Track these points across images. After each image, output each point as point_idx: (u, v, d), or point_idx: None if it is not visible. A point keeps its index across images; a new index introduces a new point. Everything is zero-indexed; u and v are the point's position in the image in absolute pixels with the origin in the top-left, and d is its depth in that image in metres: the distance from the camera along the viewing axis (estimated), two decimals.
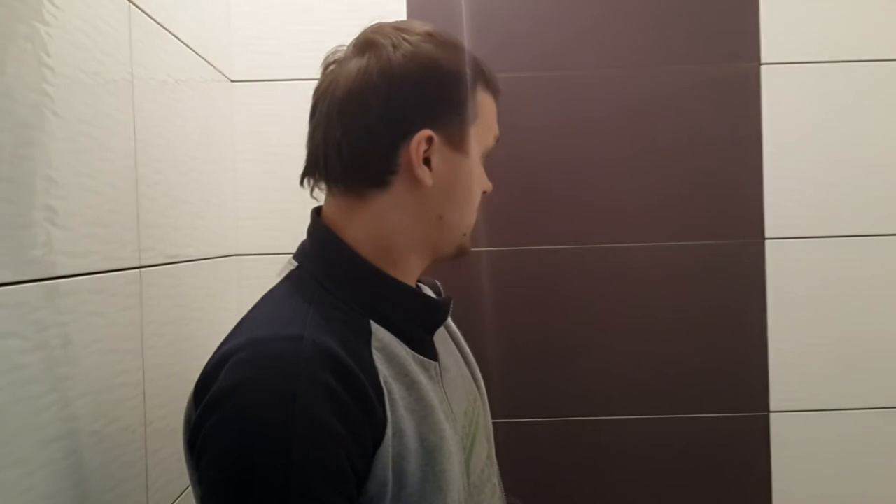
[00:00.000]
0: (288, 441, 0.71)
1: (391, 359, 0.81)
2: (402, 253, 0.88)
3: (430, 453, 0.79)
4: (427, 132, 0.84)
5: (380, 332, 0.82)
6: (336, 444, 0.72)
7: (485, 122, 0.90)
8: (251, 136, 1.45)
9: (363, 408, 0.75)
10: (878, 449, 1.50)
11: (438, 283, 1.08)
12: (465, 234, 0.91)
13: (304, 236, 0.92)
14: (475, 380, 1.00)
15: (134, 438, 0.94)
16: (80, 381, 0.81)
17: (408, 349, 0.84)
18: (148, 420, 0.97)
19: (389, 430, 0.76)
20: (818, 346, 1.50)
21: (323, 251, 0.88)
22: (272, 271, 0.92)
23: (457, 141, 0.86)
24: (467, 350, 1.03)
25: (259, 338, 0.77)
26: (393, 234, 0.87)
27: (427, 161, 0.85)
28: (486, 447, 0.96)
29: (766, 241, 1.50)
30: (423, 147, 0.84)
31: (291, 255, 0.91)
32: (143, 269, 0.99)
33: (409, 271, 0.89)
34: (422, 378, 0.83)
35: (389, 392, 0.78)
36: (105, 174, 0.89)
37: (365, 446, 0.75)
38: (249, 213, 1.48)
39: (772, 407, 1.50)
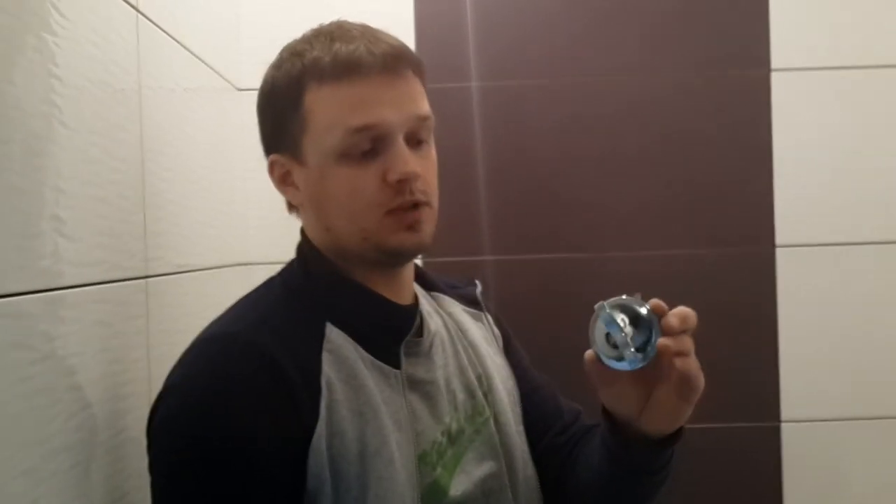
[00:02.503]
0: (209, 440, 0.77)
1: (341, 361, 0.84)
2: (340, 261, 0.90)
3: (370, 458, 0.81)
4: (272, 157, 0.91)
5: (334, 335, 0.85)
6: (257, 440, 0.77)
7: (322, 123, 0.84)
8: (258, 145, 1.44)
9: (291, 402, 0.79)
10: (893, 459, 1.48)
11: (473, 292, 1.06)
12: (366, 240, 0.86)
13: None
14: (487, 396, 0.97)
15: (140, 449, 0.93)
16: (87, 392, 0.81)
17: (364, 353, 0.85)
18: None
19: (322, 429, 0.79)
20: (830, 355, 1.48)
21: (297, 257, 0.93)
22: None
23: (298, 156, 0.88)
24: (490, 363, 0.99)
25: (205, 338, 0.84)
26: (319, 245, 0.91)
27: (292, 182, 0.90)
28: (491, 466, 0.93)
29: (777, 249, 1.49)
30: (278, 171, 0.90)
31: None
32: (149, 279, 0.99)
33: (368, 277, 0.89)
34: (370, 382, 0.84)
35: (331, 392, 0.81)
36: (113, 184, 0.89)
37: (294, 439, 0.78)
38: (258, 221, 1.48)
39: (783, 417, 1.48)
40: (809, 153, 1.49)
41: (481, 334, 1.02)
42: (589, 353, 0.81)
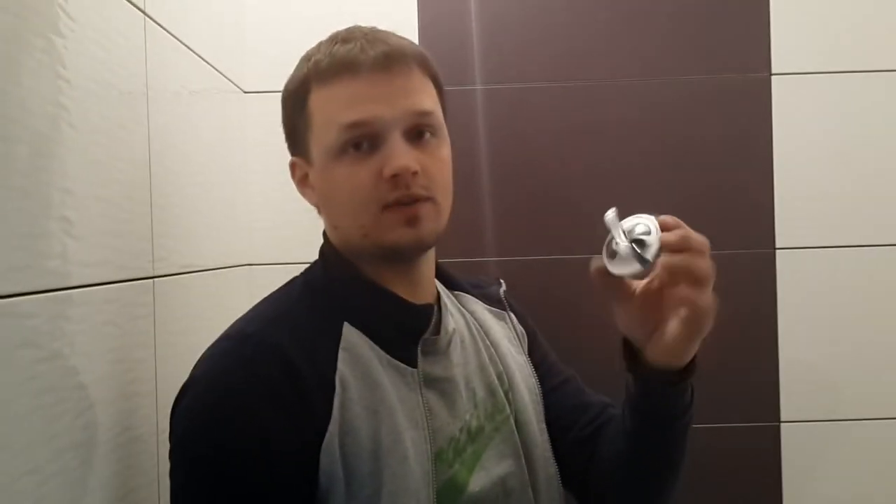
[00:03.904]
0: (220, 437, 0.79)
1: (356, 360, 0.85)
2: (357, 260, 0.91)
3: (384, 455, 0.82)
4: (292, 160, 0.94)
5: (350, 334, 0.86)
6: (269, 438, 0.79)
7: (321, 121, 0.87)
8: (264, 147, 1.46)
9: (303, 401, 0.80)
10: (891, 459, 1.48)
11: (497, 291, 1.07)
12: (366, 237, 0.87)
13: (315, 245, 0.96)
14: (508, 394, 0.96)
15: (147, 447, 0.95)
16: (93, 391, 0.82)
17: (380, 352, 0.86)
18: (160, 429, 0.97)
19: (335, 427, 0.80)
20: (829, 357, 1.48)
21: (319, 258, 0.95)
22: (283, 280, 0.96)
23: (307, 157, 0.91)
24: (511, 362, 0.99)
25: (224, 335, 0.86)
26: (336, 245, 0.92)
27: (309, 183, 0.92)
28: (511, 464, 0.93)
29: (777, 251, 1.49)
30: (298, 173, 0.93)
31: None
32: (156, 279, 1.00)
33: (385, 275, 0.90)
34: (385, 380, 0.85)
35: (345, 390, 0.82)
36: (119, 185, 0.90)
37: (306, 437, 0.80)
38: (262, 222, 1.48)
39: (783, 417, 1.49)
40: (809, 156, 1.49)
41: (504, 333, 1.02)
42: (595, 262, 0.83)
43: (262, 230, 1.49)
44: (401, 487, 0.81)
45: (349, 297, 0.90)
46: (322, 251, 0.95)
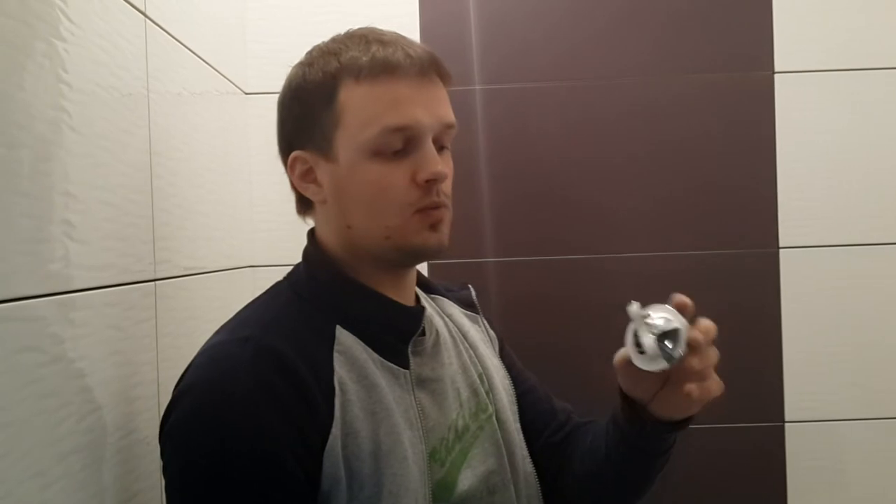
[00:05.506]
0: (225, 441, 0.77)
1: (352, 362, 0.85)
2: (352, 262, 0.90)
3: (384, 456, 0.82)
4: (295, 153, 0.90)
5: (344, 337, 0.86)
6: (274, 441, 0.78)
7: (356, 119, 0.85)
8: (266, 148, 1.44)
9: (306, 404, 0.79)
10: (895, 459, 1.48)
11: (469, 295, 1.08)
12: (388, 238, 0.86)
13: None
14: (489, 394, 0.98)
15: (150, 450, 0.95)
16: (96, 394, 0.82)
17: (373, 354, 0.87)
18: None
19: (337, 430, 0.80)
20: (834, 356, 1.48)
21: (303, 260, 0.94)
22: None
23: (326, 152, 0.88)
24: (489, 363, 1.01)
25: (217, 342, 0.85)
26: (333, 245, 0.91)
27: (314, 179, 0.89)
28: (494, 462, 0.94)
29: (781, 251, 1.49)
30: (299, 167, 0.90)
31: None
32: (158, 282, 1.00)
33: (377, 278, 0.90)
34: (382, 382, 0.85)
35: (344, 393, 0.82)
36: (122, 188, 0.90)
37: (310, 440, 0.79)
38: (264, 224, 1.48)
39: (787, 417, 1.48)
40: (813, 155, 1.48)
41: (479, 336, 1.04)
42: (620, 353, 0.84)
43: (265, 231, 1.49)
44: (401, 488, 0.82)
45: (340, 301, 0.89)
46: (306, 254, 0.94)
